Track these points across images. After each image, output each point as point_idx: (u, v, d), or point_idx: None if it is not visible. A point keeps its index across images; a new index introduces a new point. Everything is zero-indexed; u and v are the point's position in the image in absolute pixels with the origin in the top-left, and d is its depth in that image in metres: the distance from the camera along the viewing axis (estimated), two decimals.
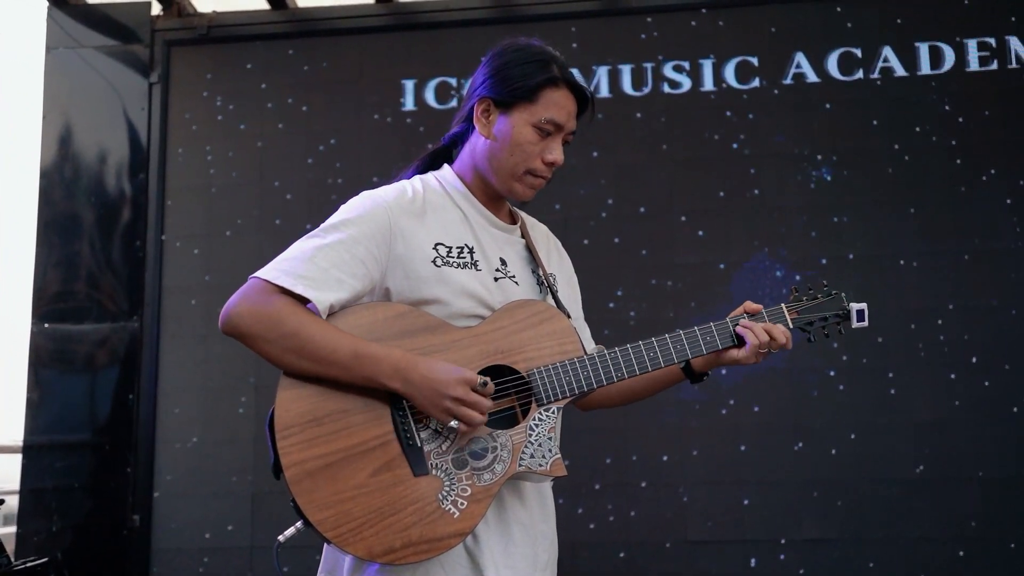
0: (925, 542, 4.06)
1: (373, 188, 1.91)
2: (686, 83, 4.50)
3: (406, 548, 1.67)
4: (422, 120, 4.58)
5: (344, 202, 1.89)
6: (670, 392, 2.33)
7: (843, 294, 2.01)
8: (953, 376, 4.15)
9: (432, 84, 4.61)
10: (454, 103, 4.54)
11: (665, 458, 4.25)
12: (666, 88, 4.50)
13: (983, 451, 4.08)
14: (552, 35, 4.50)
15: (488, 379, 1.71)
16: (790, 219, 4.34)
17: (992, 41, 4.34)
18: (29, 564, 2.88)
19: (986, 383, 4.13)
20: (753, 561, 4.14)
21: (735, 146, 4.42)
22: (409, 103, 4.61)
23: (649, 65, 4.51)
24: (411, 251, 1.81)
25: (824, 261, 4.27)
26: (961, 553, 4.03)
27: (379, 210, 1.82)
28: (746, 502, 4.19)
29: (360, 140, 4.62)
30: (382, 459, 1.70)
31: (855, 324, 2.00)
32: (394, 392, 1.72)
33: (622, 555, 4.21)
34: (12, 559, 2.91)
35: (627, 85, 4.51)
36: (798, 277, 4.25)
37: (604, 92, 4.50)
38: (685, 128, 4.46)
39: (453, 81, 4.60)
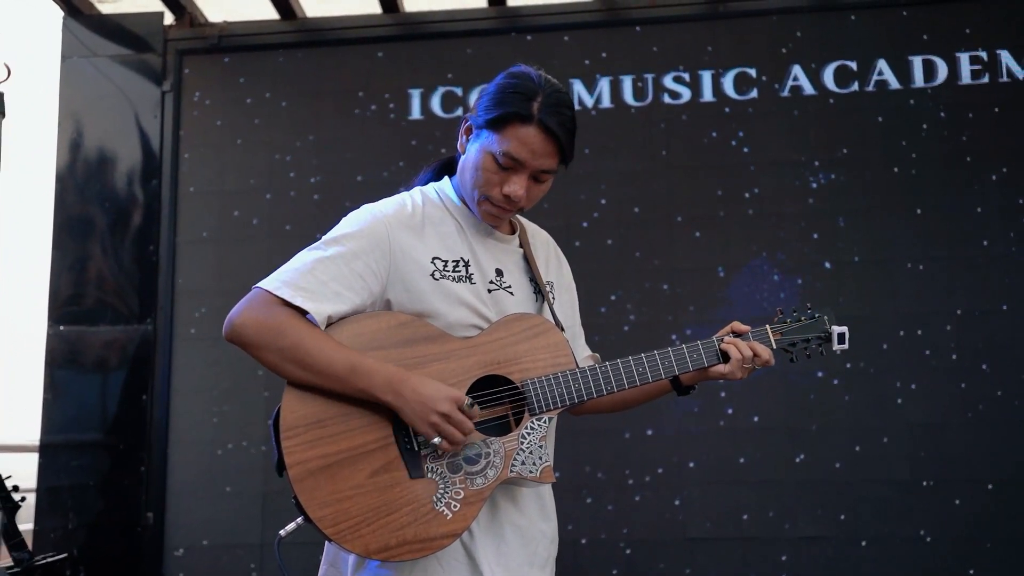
0: (925, 546, 4.11)
1: (380, 195, 1.97)
2: (686, 93, 4.56)
3: (401, 546, 1.74)
4: (428, 129, 4.64)
5: (350, 211, 1.94)
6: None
7: (826, 317, 2.03)
8: (964, 385, 4.16)
9: (438, 93, 4.67)
10: (460, 112, 4.60)
11: (661, 468, 4.29)
12: (666, 99, 4.55)
13: (990, 457, 4.11)
14: (554, 46, 4.57)
15: (475, 402, 1.77)
16: (789, 223, 4.38)
17: (984, 55, 4.40)
18: (49, 559, 2.98)
19: (999, 392, 4.14)
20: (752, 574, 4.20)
21: (733, 144, 4.47)
22: (416, 112, 4.69)
23: (650, 76, 4.58)
24: (410, 265, 1.87)
25: (828, 265, 4.27)
26: (971, 571, 4.07)
27: (378, 224, 1.88)
28: (745, 516, 4.23)
29: (367, 148, 4.68)
30: (381, 461, 1.77)
31: (836, 347, 2.03)
32: (386, 405, 1.78)
33: (620, 564, 4.26)
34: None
35: (628, 95, 4.57)
36: (800, 281, 4.27)
37: (606, 102, 4.56)
38: (684, 135, 4.51)
39: (459, 91, 4.66)
